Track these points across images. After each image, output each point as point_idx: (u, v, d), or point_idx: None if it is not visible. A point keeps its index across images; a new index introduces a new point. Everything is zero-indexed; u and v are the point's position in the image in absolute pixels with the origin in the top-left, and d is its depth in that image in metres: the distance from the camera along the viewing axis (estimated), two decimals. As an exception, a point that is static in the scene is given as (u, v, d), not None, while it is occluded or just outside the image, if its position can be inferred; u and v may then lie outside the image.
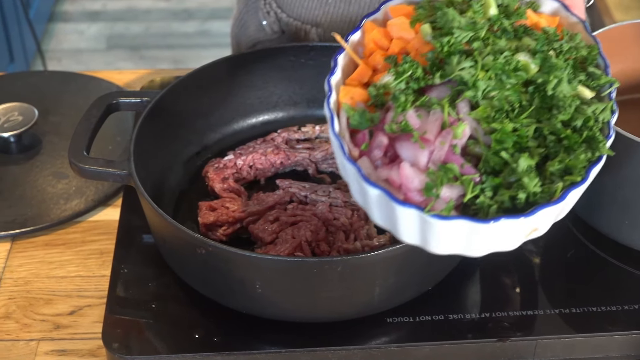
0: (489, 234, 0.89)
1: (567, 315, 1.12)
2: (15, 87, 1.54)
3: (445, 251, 0.91)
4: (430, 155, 0.91)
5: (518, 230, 0.90)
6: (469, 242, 0.90)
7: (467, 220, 0.87)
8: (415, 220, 0.89)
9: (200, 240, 1.05)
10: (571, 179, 0.91)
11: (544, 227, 0.93)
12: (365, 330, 1.10)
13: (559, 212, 0.92)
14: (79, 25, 3.69)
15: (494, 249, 0.92)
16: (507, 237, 0.91)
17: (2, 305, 1.19)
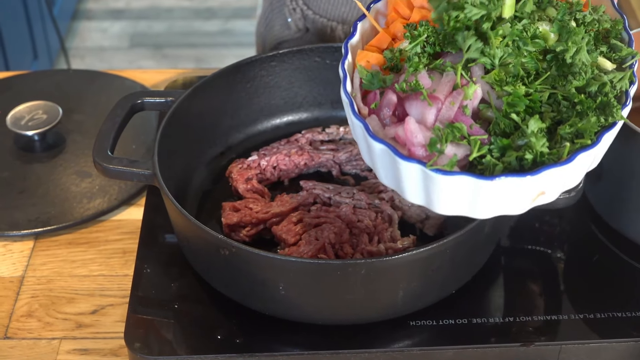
0: (493, 193, 0.87)
1: (591, 320, 1.11)
2: (40, 85, 1.54)
3: (450, 211, 0.90)
4: (438, 113, 0.91)
5: (523, 191, 0.88)
6: (473, 201, 0.88)
7: (470, 177, 0.86)
8: (418, 176, 0.88)
9: (224, 241, 1.04)
10: (581, 142, 0.89)
11: (551, 192, 0.90)
12: (388, 333, 1.10)
13: (567, 176, 0.89)
14: (102, 23, 3.70)
15: (500, 211, 0.90)
16: (513, 199, 0.89)
17: (24, 304, 1.20)
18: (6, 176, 1.37)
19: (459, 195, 0.88)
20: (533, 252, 1.21)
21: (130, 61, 3.49)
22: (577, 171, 0.91)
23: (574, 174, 0.91)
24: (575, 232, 1.24)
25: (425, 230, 1.19)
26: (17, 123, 1.40)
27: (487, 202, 0.89)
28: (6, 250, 1.27)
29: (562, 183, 0.91)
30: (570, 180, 0.92)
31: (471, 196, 0.88)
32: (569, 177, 0.91)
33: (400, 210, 1.20)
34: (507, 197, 0.89)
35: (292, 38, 1.56)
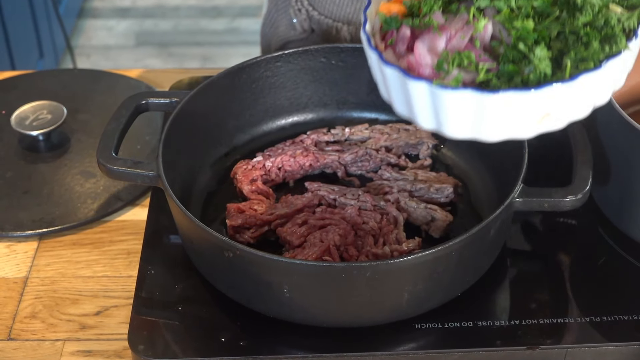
0: (497, 111, 0.90)
1: (598, 323, 1.11)
2: (45, 85, 1.54)
3: (458, 134, 0.94)
4: (448, 42, 0.96)
5: (527, 109, 0.91)
6: (479, 120, 0.92)
7: (473, 91, 0.89)
8: (427, 96, 0.92)
9: (228, 244, 1.04)
10: (585, 65, 0.92)
11: (557, 115, 0.93)
12: (393, 336, 1.09)
13: (571, 98, 0.92)
14: (108, 21, 3.70)
15: (506, 133, 0.93)
16: (518, 119, 0.92)
17: (28, 305, 1.19)
18: (10, 176, 1.37)
19: (464, 113, 0.92)
20: (539, 254, 1.20)
21: (136, 60, 3.49)
22: (582, 96, 0.93)
23: (579, 97, 0.93)
24: (581, 234, 1.23)
25: (430, 233, 1.19)
26: (22, 123, 1.39)
27: (493, 122, 0.92)
28: (10, 251, 1.27)
29: (567, 107, 0.94)
30: (576, 107, 0.94)
31: (476, 114, 0.91)
32: (574, 100, 0.93)
33: (405, 212, 1.20)
34: (511, 116, 0.92)
35: (297, 39, 1.56)
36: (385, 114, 1.36)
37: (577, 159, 1.13)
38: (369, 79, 1.32)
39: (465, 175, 1.28)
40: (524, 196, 1.09)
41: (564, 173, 1.15)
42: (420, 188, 1.23)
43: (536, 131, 0.95)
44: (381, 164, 1.29)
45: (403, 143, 1.31)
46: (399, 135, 1.31)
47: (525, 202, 1.09)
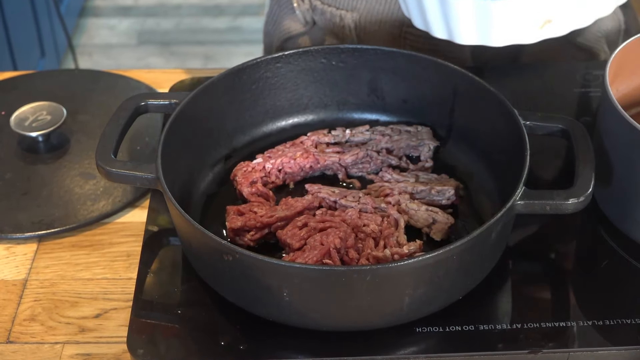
0: (500, 15, 0.98)
1: (600, 327, 1.10)
2: (45, 85, 1.53)
3: (467, 39, 1.02)
4: None
5: (529, 14, 0.99)
6: (485, 25, 1.00)
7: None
8: (437, 5, 1.01)
9: (227, 247, 1.03)
10: None
11: (558, 21, 1.00)
12: (393, 340, 1.09)
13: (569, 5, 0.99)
14: (110, 20, 3.69)
15: (511, 38, 1.01)
16: (521, 23, 1.00)
17: (27, 307, 1.19)
18: (9, 177, 1.36)
19: (471, 19, 1.00)
20: (541, 257, 1.20)
21: (138, 58, 3.49)
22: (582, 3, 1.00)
23: (578, 5, 1.00)
24: (584, 237, 1.22)
25: (432, 235, 1.18)
26: (21, 124, 1.39)
27: (498, 26, 1.00)
28: (9, 253, 1.26)
29: (567, 14, 1.00)
30: (577, 15, 1.01)
31: (482, 20, 1.00)
32: (573, 8, 1.00)
33: (406, 214, 1.19)
34: (514, 20, 0.99)
35: (299, 33, 1.55)
36: (386, 115, 1.35)
37: (579, 161, 1.12)
38: (370, 79, 1.33)
39: (467, 177, 1.27)
40: (526, 199, 1.08)
41: (566, 175, 1.14)
42: (421, 190, 1.22)
43: (539, 37, 1.02)
44: (382, 166, 1.29)
45: (404, 144, 1.30)
46: (400, 137, 1.31)
47: (526, 205, 1.08)
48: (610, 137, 1.18)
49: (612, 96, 1.15)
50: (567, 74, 1.46)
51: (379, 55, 1.31)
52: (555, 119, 1.19)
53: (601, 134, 1.19)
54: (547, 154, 1.23)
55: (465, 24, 1.01)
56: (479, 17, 0.99)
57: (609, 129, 1.18)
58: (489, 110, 1.23)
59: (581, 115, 1.35)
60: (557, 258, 1.19)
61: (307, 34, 1.55)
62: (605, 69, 1.19)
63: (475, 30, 1.01)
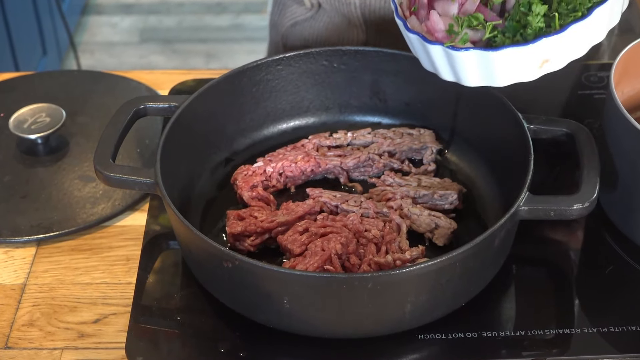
0: (501, 63, 1.06)
1: (605, 334, 1.09)
2: (44, 86, 1.52)
3: (474, 82, 1.10)
4: (460, 7, 1.11)
5: (527, 59, 1.06)
6: (488, 71, 1.07)
7: (479, 50, 1.06)
8: (443, 56, 1.09)
9: (227, 254, 1.02)
10: (574, 15, 1.06)
11: (555, 60, 1.08)
12: (395, 347, 1.08)
13: (565, 45, 1.06)
14: (112, 18, 3.68)
15: (514, 78, 1.08)
16: (521, 66, 1.07)
17: (26, 312, 1.18)
18: (8, 180, 1.35)
19: (475, 67, 1.08)
20: (545, 263, 1.18)
21: (141, 56, 3.48)
22: (576, 41, 1.07)
23: (573, 43, 1.07)
24: (588, 242, 1.21)
25: (434, 241, 1.17)
26: (20, 126, 1.38)
27: (500, 71, 1.08)
28: (8, 257, 1.25)
29: (563, 52, 1.08)
30: (572, 50, 1.08)
31: (485, 67, 1.07)
32: (568, 45, 1.07)
33: (409, 219, 1.18)
34: (514, 65, 1.07)
35: (304, 18, 1.54)
36: (388, 117, 1.34)
37: (583, 166, 1.11)
38: (372, 82, 1.31)
39: (470, 181, 1.26)
40: (530, 204, 1.07)
41: (571, 178, 1.13)
42: (424, 194, 1.21)
43: (539, 74, 1.09)
44: (384, 170, 1.27)
45: (406, 148, 1.29)
46: (403, 140, 1.29)
47: (530, 211, 1.07)
48: (615, 140, 1.17)
49: (617, 99, 1.14)
50: (570, 75, 1.45)
51: (381, 57, 1.30)
52: (559, 123, 1.18)
53: (606, 138, 1.18)
54: (551, 158, 1.21)
55: (470, 70, 1.09)
56: (482, 65, 1.07)
57: (613, 132, 1.17)
58: (492, 114, 1.22)
59: (585, 118, 1.34)
60: (561, 263, 1.18)
61: (313, 18, 1.54)
62: (610, 71, 1.17)
63: (479, 74, 1.09)
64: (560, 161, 1.28)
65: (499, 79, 1.09)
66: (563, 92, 1.42)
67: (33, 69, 2.98)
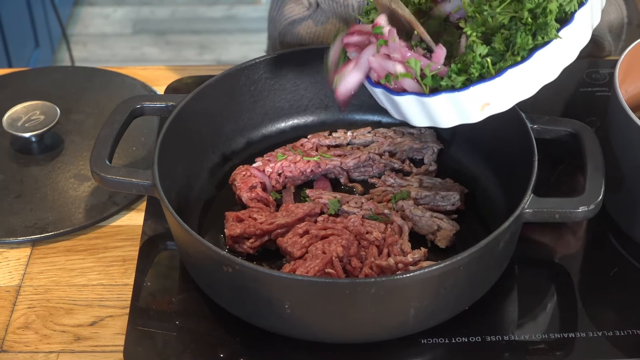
0: (440, 107, 1.07)
1: (610, 337, 1.07)
2: (38, 83, 1.50)
3: (420, 123, 1.11)
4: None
5: (465, 104, 1.06)
6: (430, 114, 1.09)
7: (414, 96, 1.08)
8: (386, 99, 1.12)
9: (227, 258, 1.01)
10: (513, 59, 1.04)
11: (497, 103, 1.07)
12: (398, 352, 1.07)
13: (504, 89, 1.05)
14: (104, 9, 3.66)
15: (456, 120, 1.09)
16: (460, 110, 1.07)
17: (21, 315, 1.16)
18: (2, 180, 1.33)
19: (415, 109, 1.09)
20: (549, 265, 1.17)
21: (133, 48, 3.46)
22: (518, 84, 1.05)
23: (515, 86, 1.05)
24: (592, 243, 1.20)
25: (436, 243, 1.15)
26: (14, 124, 1.36)
27: (441, 114, 1.08)
28: (2, 258, 1.24)
29: (504, 95, 1.06)
30: (516, 92, 1.07)
31: (426, 110, 1.08)
32: (510, 89, 1.06)
33: (410, 221, 1.16)
34: (453, 109, 1.07)
35: (302, 16, 1.52)
36: (389, 116, 1.32)
37: (588, 167, 1.10)
38: (372, 80, 1.29)
39: (472, 181, 1.24)
40: (534, 207, 1.05)
41: (575, 180, 1.12)
42: (425, 195, 1.19)
43: (482, 116, 1.08)
44: (385, 169, 1.26)
45: (407, 147, 1.27)
46: (403, 139, 1.28)
47: (535, 214, 1.05)
48: (619, 140, 1.15)
49: (621, 99, 1.12)
50: (573, 72, 1.42)
51: (381, 54, 1.29)
52: (563, 123, 1.16)
53: (610, 138, 1.17)
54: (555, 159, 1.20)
55: (414, 113, 1.10)
56: (422, 109, 1.09)
57: (618, 132, 1.15)
58: (495, 113, 1.20)
59: (587, 116, 1.32)
60: (565, 266, 1.17)
61: (311, 18, 1.52)
62: (615, 69, 1.16)
63: (423, 116, 1.10)
64: (561, 160, 1.27)
65: (442, 120, 1.09)
66: (564, 89, 1.40)
67: (25, 61, 2.96)
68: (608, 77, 1.41)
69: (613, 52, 1.55)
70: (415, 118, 1.11)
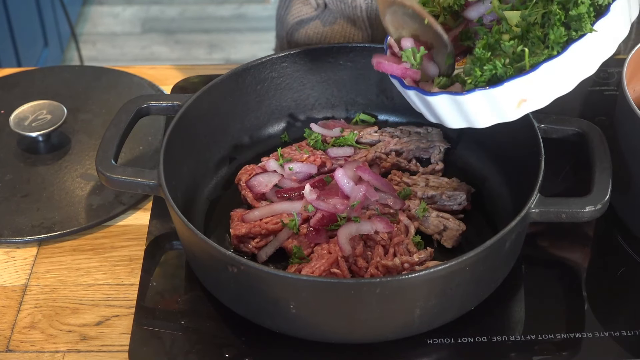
0: (474, 105, 1.05)
1: (617, 338, 1.07)
2: (45, 82, 1.50)
3: (455, 124, 1.09)
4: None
5: (501, 100, 1.04)
6: (464, 113, 1.07)
7: (447, 94, 1.06)
8: (419, 100, 1.10)
9: (232, 258, 1.00)
10: (548, 53, 1.02)
11: (534, 99, 1.04)
12: (404, 352, 1.06)
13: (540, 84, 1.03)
14: (113, 8, 3.66)
15: (491, 120, 1.07)
16: (497, 108, 1.05)
17: (27, 314, 1.16)
18: (9, 179, 1.33)
19: (450, 110, 1.07)
20: (556, 265, 1.17)
21: (143, 47, 3.46)
22: (554, 79, 1.03)
23: (551, 81, 1.03)
24: (600, 243, 1.19)
25: (443, 243, 1.15)
26: (21, 124, 1.36)
27: (475, 113, 1.06)
28: (9, 257, 1.23)
29: (542, 90, 1.04)
30: (553, 88, 1.04)
31: (460, 109, 1.06)
32: (547, 84, 1.03)
33: (417, 220, 1.15)
34: (488, 107, 1.05)
35: (310, 17, 1.52)
36: (396, 115, 1.32)
37: (595, 166, 1.09)
38: (379, 79, 1.29)
39: (478, 181, 1.24)
40: (541, 207, 1.05)
41: (582, 180, 1.11)
42: (432, 195, 1.18)
43: (520, 114, 1.06)
44: (391, 169, 1.25)
45: (414, 147, 1.26)
46: (410, 139, 1.27)
47: (541, 213, 1.05)
48: (627, 139, 1.15)
49: (629, 98, 1.11)
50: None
51: (388, 54, 1.28)
52: (571, 122, 1.16)
53: (618, 137, 1.16)
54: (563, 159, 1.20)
55: (449, 114, 1.08)
56: (457, 108, 1.07)
57: (625, 131, 1.15)
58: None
59: (595, 115, 1.32)
60: (572, 266, 1.16)
61: (319, 18, 1.52)
62: (622, 68, 1.15)
63: (459, 117, 1.08)
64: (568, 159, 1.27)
65: (478, 120, 1.08)
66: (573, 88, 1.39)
67: (35, 60, 2.96)
68: (616, 76, 1.40)
69: (622, 51, 1.54)
70: (450, 119, 1.09)
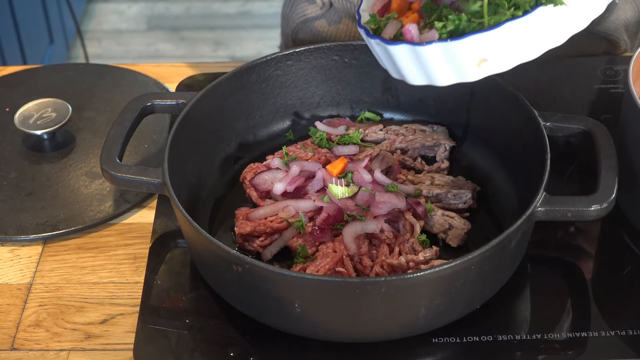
0: (434, 59, 1.02)
1: (623, 337, 1.07)
2: (50, 80, 1.50)
3: (415, 80, 1.06)
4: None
5: (461, 57, 1.01)
6: (424, 67, 1.04)
7: (406, 44, 1.03)
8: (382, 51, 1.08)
9: (237, 257, 1.00)
10: (512, 13, 0.99)
11: (494, 60, 1.01)
12: (409, 351, 1.06)
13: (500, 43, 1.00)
14: (119, 5, 3.66)
15: (451, 78, 1.04)
16: (456, 64, 1.02)
17: (32, 313, 1.16)
18: (14, 177, 1.33)
19: (411, 63, 1.05)
20: (561, 264, 1.16)
21: (148, 44, 3.46)
22: (518, 41, 1.00)
23: (514, 43, 1.00)
24: (605, 242, 1.19)
25: (448, 242, 1.15)
26: (26, 122, 1.36)
27: (435, 68, 1.04)
28: (14, 256, 1.23)
29: (503, 52, 1.01)
30: (516, 51, 1.01)
31: (420, 63, 1.04)
32: (509, 46, 1.00)
33: (422, 219, 1.15)
34: (448, 62, 1.02)
35: (315, 16, 1.52)
36: (401, 113, 1.32)
37: (601, 165, 1.09)
38: (384, 77, 1.29)
39: (484, 179, 1.23)
40: (546, 205, 1.04)
41: (588, 178, 1.11)
42: (437, 194, 1.18)
43: (480, 74, 1.03)
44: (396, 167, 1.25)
45: (419, 145, 1.26)
46: (415, 137, 1.27)
47: (547, 212, 1.04)
48: (633, 138, 1.14)
49: (635, 96, 1.11)
50: (587, 69, 1.42)
51: (393, 52, 1.28)
52: (576, 120, 1.15)
53: (624, 135, 1.15)
54: (569, 157, 1.19)
55: (409, 67, 1.06)
56: (417, 61, 1.04)
57: (631, 129, 1.14)
58: (507, 110, 1.20)
59: (602, 113, 1.31)
60: (578, 265, 1.16)
61: (324, 17, 1.52)
62: (628, 67, 1.15)
63: (419, 71, 1.05)
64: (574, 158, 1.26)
65: (438, 77, 1.05)
66: (580, 86, 1.39)
67: (40, 57, 2.97)
68: (623, 74, 1.40)
69: (629, 50, 1.54)
70: (410, 73, 1.06)
